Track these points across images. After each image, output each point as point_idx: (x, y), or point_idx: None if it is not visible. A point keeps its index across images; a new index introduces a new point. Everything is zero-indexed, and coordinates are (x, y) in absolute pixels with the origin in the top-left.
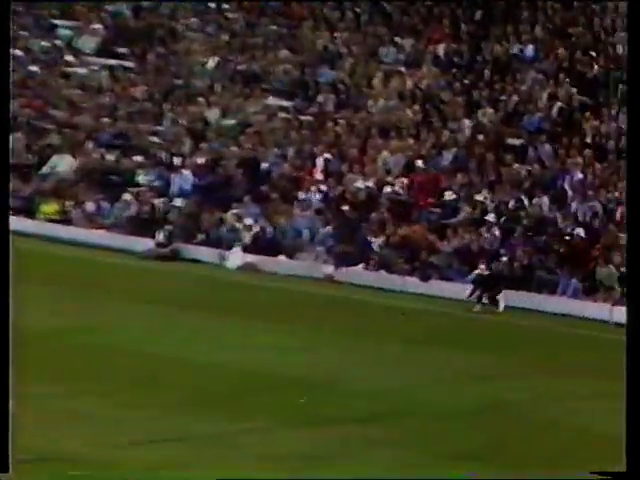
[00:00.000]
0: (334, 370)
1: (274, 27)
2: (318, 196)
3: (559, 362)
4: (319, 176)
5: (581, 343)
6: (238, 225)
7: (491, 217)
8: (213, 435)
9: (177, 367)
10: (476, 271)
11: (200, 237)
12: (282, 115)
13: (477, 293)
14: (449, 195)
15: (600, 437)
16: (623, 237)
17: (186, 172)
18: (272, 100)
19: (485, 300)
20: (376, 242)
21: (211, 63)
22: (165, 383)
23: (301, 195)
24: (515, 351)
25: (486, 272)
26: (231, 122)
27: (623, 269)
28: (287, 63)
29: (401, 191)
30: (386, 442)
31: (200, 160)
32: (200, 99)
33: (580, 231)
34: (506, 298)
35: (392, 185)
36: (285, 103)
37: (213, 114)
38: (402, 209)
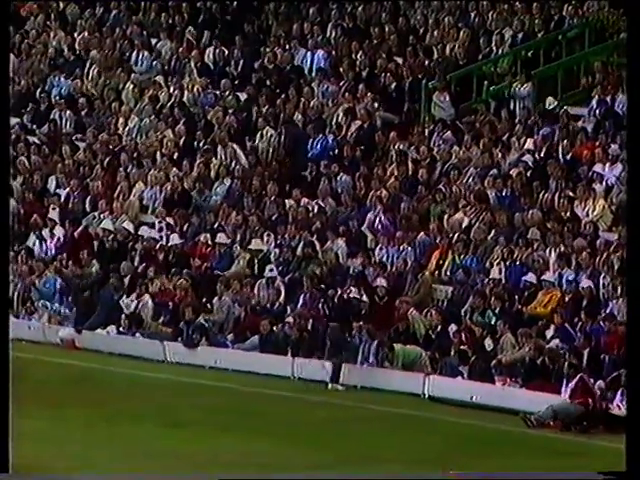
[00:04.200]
0: (76, 460)
1: None
2: (53, 240)
3: (337, 448)
4: (54, 214)
5: (388, 422)
6: None
7: (272, 266)
8: None
9: None
10: None
11: None
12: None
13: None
14: (221, 238)
15: None
16: (440, 288)
17: None
18: None
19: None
20: (128, 299)
21: None
22: None
23: (31, 238)
24: (301, 434)
25: None
26: None
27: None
28: (10, 70)
29: (160, 234)
30: None
31: None
32: None
33: (382, 281)
34: (298, 369)
35: (150, 226)
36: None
37: None
38: (162, 256)
